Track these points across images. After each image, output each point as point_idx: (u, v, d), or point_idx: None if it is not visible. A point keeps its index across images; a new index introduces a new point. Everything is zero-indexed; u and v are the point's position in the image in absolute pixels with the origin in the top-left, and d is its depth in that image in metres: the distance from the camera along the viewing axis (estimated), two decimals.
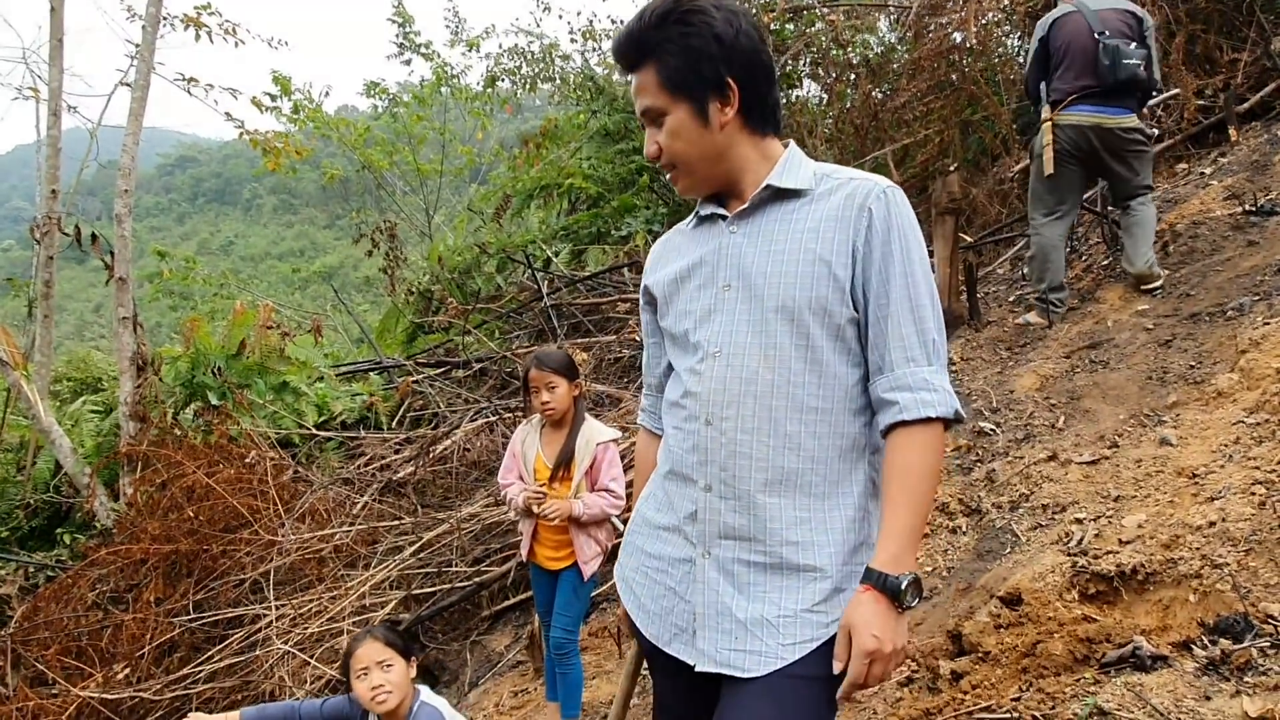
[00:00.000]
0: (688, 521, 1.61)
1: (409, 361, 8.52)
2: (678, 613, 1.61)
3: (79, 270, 42.40)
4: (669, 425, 1.70)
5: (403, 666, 2.72)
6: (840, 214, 1.54)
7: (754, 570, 1.54)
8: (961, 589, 3.15)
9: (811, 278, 1.53)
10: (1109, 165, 4.71)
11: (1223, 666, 2.04)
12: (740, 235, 1.60)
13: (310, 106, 12.60)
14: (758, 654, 1.51)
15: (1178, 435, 3.32)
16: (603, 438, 3.47)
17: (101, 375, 8.71)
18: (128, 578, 5.53)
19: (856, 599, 1.46)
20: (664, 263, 1.75)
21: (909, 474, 1.49)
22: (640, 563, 1.71)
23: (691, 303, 1.64)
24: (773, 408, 1.53)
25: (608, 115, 10.94)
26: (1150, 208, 4.77)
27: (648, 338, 1.86)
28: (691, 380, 1.61)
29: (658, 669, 1.75)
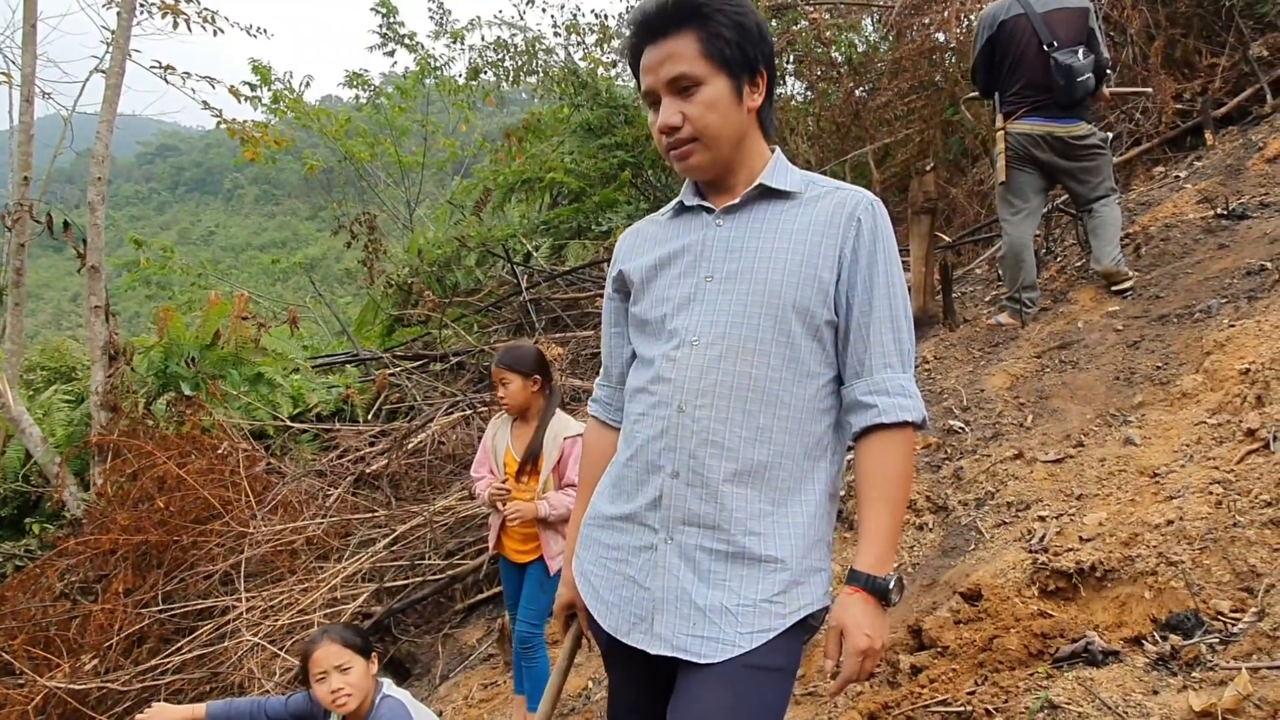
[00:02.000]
0: (650, 508, 1.62)
1: (386, 354, 8.50)
2: (637, 601, 1.61)
3: (57, 259, 41.94)
4: (633, 412, 1.70)
5: (362, 666, 2.69)
6: (829, 220, 1.60)
7: (715, 558, 1.56)
8: (926, 585, 3.17)
9: (798, 278, 1.57)
10: (1061, 172, 4.78)
11: (1172, 662, 2.07)
12: (726, 229, 1.64)
13: (291, 96, 12.51)
14: (715, 640, 1.53)
15: (1142, 435, 3.35)
16: (570, 432, 3.44)
17: (75, 365, 8.63)
18: (97, 568, 5.49)
19: (845, 600, 1.50)
20: (640, 250, 1.76)
21: (887, 476, 1.54)
22: (597, 554, 1.71)
23: (670, 289, 1.66)
24: (748, 400, 1.56)
25: (590, 110, 10.93)
26: (1114, 209, 4.82)
27: (610, 328, 1.86)
28: (665, 366, 1.61)
29: (614, 663, 1.75)
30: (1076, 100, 4.62)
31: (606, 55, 12.14)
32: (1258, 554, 2.33)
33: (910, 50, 8.08)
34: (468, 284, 10.09)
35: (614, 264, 1.81)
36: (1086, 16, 4.69)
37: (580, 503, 1.88)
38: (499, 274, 10.16)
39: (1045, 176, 4.83)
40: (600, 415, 1.90)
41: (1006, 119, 4.76)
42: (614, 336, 1.86)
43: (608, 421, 1.88)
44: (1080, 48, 4.59)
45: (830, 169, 8.21)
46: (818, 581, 1.60)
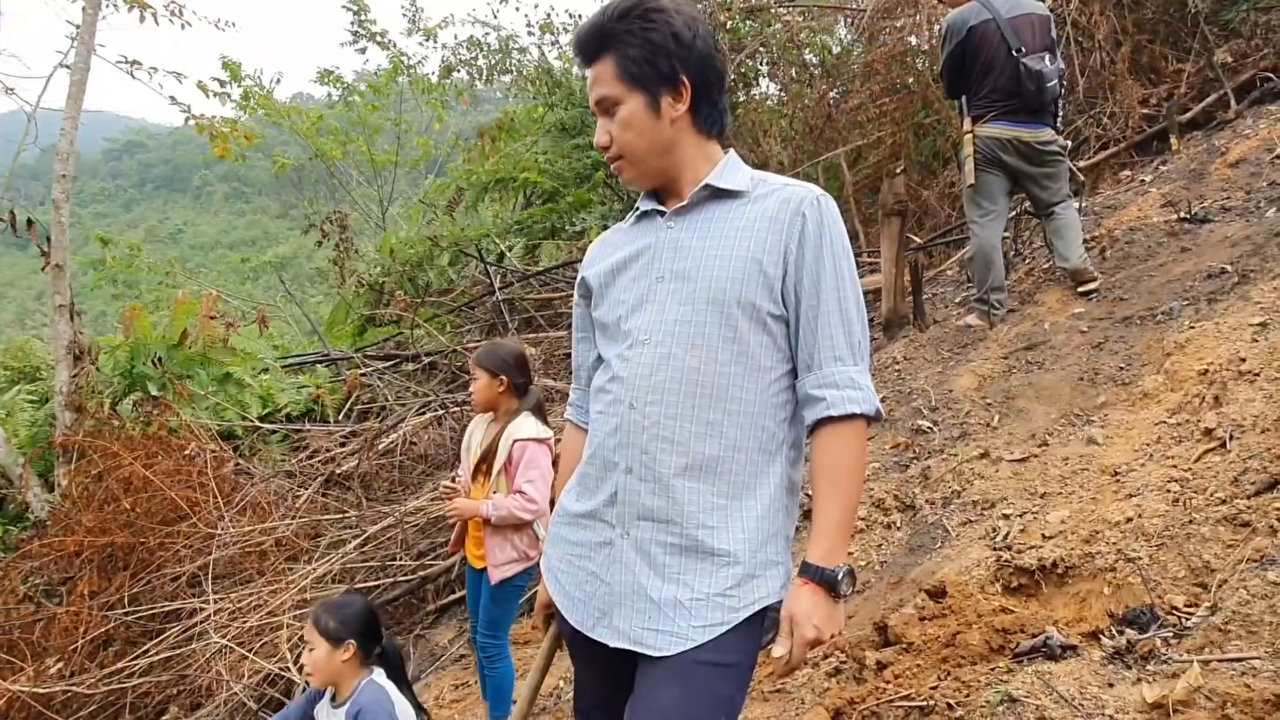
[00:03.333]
0: (607, 504, 1.66)
1: (358, 354, 8.44)
2: (599, 596, 1.65)
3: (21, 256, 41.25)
4: (594, 411, 1.75)
5: (324, 650, 2.76)
6: (775, 216, 1.62)
7: (670, 552, 1.59)
8: (893, 583, 3.21)
9: (743, 273, 1.59)
10: (1025, 176, 4.86)
11: (1128, 655, 2.11)
12: (677, 230, 1.68)
13: (261, 93, 12.39)
14: (669, 634, 1.56)
15: (1104, 435, 3.41)
16: (521, 435, 3.32)
17: (40, 364, 8.49)
18: (61, 570, 5.41)
19: (796, 592, 1.54)
20: (601, 257, 1.80)
21: (837, 470, 1.57)
22: (564, 551, 1.75)
23: (625, 293, 1.70)
24: (696, 395, 1.59)
25: (564, 109, 10.92)
26: (1073, 212, 4.92)
27: (578, 332, 1.90)
28: (620, 365, 1.66)
29: (579, 656, 1.79)
30: (1045, 105, 4.70)
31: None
32: (1212, 550, 2.39)
33: (882, 53, 8.15)
34: (440, 284, 10.05)
35: (582, 270, 1.86)
36: (1050, 24, 4.77)
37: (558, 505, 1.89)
38: (472, 274, 10.12)
39: (1010, 179, 4.91)
40: (574, 419, 1.94)
41: (975, 122, 4.83)
42: (581, 341, 1.90)
43: (580, 424, 1.91)
44: (1046, 54, 4.68)
45: (803, 170, 8.27)
46: (774, 575, 1.62)
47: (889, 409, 4.54)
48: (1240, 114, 6.43)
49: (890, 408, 4.54)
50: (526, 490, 3.25)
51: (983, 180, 4.86)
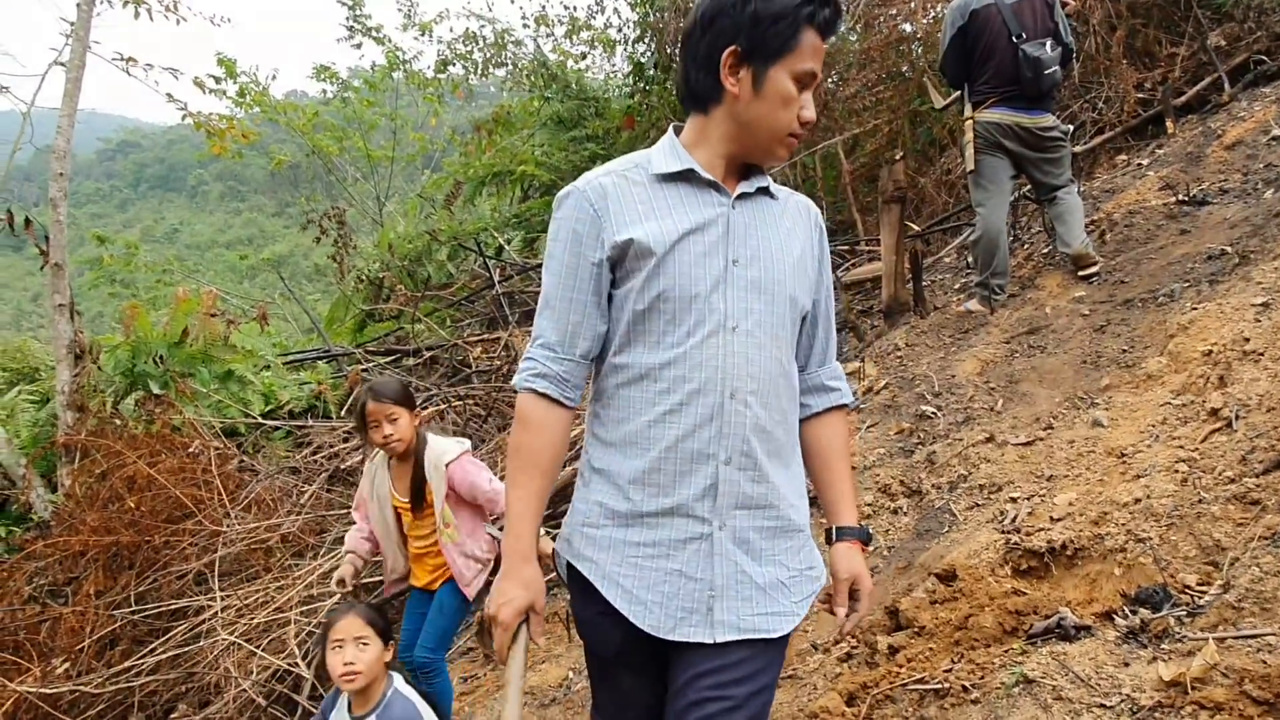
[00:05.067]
0: (701, 498, 1.59)
1: (358, 350, 8.43)
2: (685, 594, 1.59)
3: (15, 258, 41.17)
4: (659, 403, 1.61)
5: (378, 649, 2.65)
6: (804, 223, 1.76)
7: (765, 536, 1.65)
8: (901, 567, 3.22)
9: (804, 273, 1.72)
10: (1028, 161, 4.87)
11: (1142, 635, 2.12)
12: (740, 215, 1.66)
13: (256, 90, 12.35)
14: (779, 615, 1.63)
15: (1109, 417, 3.42)
16: (449, 457, 3.24)
17: (39, 365, 8.47)
18: (66, 570, 5.40)
19: (849, 553, 1.75)
20: (643, 215, 1.63)
21: (845, 448, 1.83)
22: (625, 555, 1.63)
23: (696, 268, 1.60)
24: (780, 385, 1.68)
25: (560, 102, 10.90)
26: (1075, 196, 4.94)
27: (587, 294, 1.65)
28: (705, 353, 1.59)
29: (632, 664, 1.71)
30: (1044, 92, 4.71)
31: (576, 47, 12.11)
32: (1222, 529, 2.40)
33: (878, 41, 8.14)
34: (440, 278, 10.04)
35: (603, 223, 1.63)
36: (1053, 8, 4.76)
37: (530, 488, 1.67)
38: (471, 268, 10.11)
39: (1013, 163, 4.91)
40: (551, 393, 1.66)
41: (976, 108, 4.83)
42: (591, 305, 1.66)
43: (560, 400, 1.67)
44: (1048, 40, 4.67)
45: (800, 159, 8.27)
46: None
47: (892, 395, 4.54)
48: (1235, 97, 6.42)
49: (893, 394, 4.55)
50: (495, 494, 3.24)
51: (984, 164, 4.86)
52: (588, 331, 1.66)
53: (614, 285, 1.65)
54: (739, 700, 1.56)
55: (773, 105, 1.57)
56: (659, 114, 9.76)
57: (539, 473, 1.66)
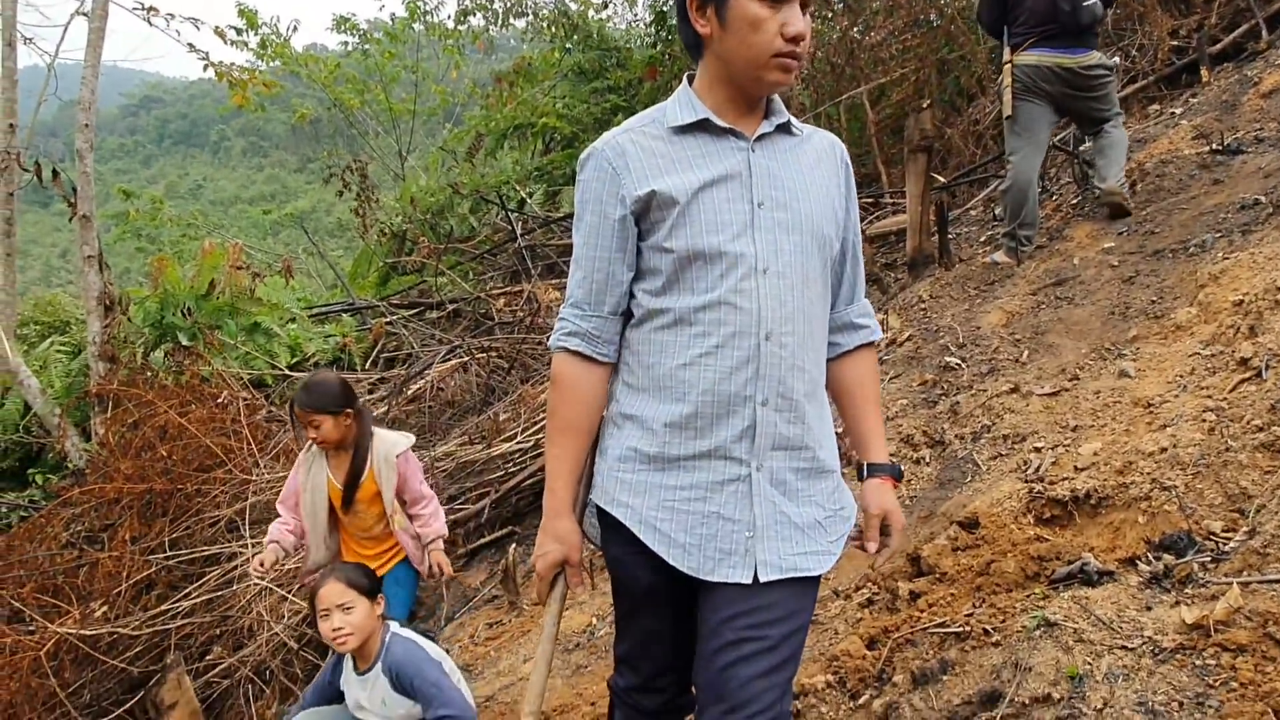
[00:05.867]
0: (739, 440, 1.61)
1: (382, 303, 8.49)
2: (723, 536, 1.61)
3: (43, 214, 41.50)
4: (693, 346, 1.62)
5: (365, 607, 2.68)
6: (829, 160, 1.76)
7: (801, 476, 1.67)
8: (923, 516, 3.23)
9: (831, 211, 1.72)
10: (1073, 102, 4.73)
11: (1165, 580, 2.13)
12: (760, 157, 1.66)
13: (277, 42, 12.28)
14: (817, 554, 1.66)
15: (1136, 367, 3.39)
16: (400, 448, 3.30)
17: (69, 318, 8.61)
18: (102, 517, 5.53)
19: (881, 488, 1.78)
20: (665, 169, 1.64)
21: (876, 384, 1.87)
22: (661, 499, 1.64)
23: (722, 215, 1.61)
24: (814, 325, 1.69)
25: (582, 53, 10.77)
26: (1120, 131, 4.80)
27: (612, 251, 1.68)
28: (739, 297, 1.60)
29: (660, 606, 1.75)
30: (1084, 27, 4.54)
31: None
32: (1249, 476, 2.39)
33: None
34: (462, 231, 10.04)
35: (623, 180, 1.65)
36: None
37: (568, 447, 1.72)
38: (493, 221, 10.10)
39: (1054, 109, 4.78)
40: (585, 350, 1.70)
41: (1014, 51, 4.69)
42: (615, 262, 1.69)
43: (594, 356, 1.71)
44: None
45: (824, 110, 8.15)
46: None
47: (915, 347, 4.53)
48: (1272, 44, 6.24)
49: (917, 346, 4.53)
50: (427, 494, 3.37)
51: (1022, 110, 4.73)
52: (614, 288, 1.69)
53: (641, 238, 1.68)
54: (775, 640, 1.59)
55: (741, 34, 1.56)
56: (681, 64, 9.62)
57: (576, 432, 1.72)
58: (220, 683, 4.59)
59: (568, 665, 3.59)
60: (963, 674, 2.16)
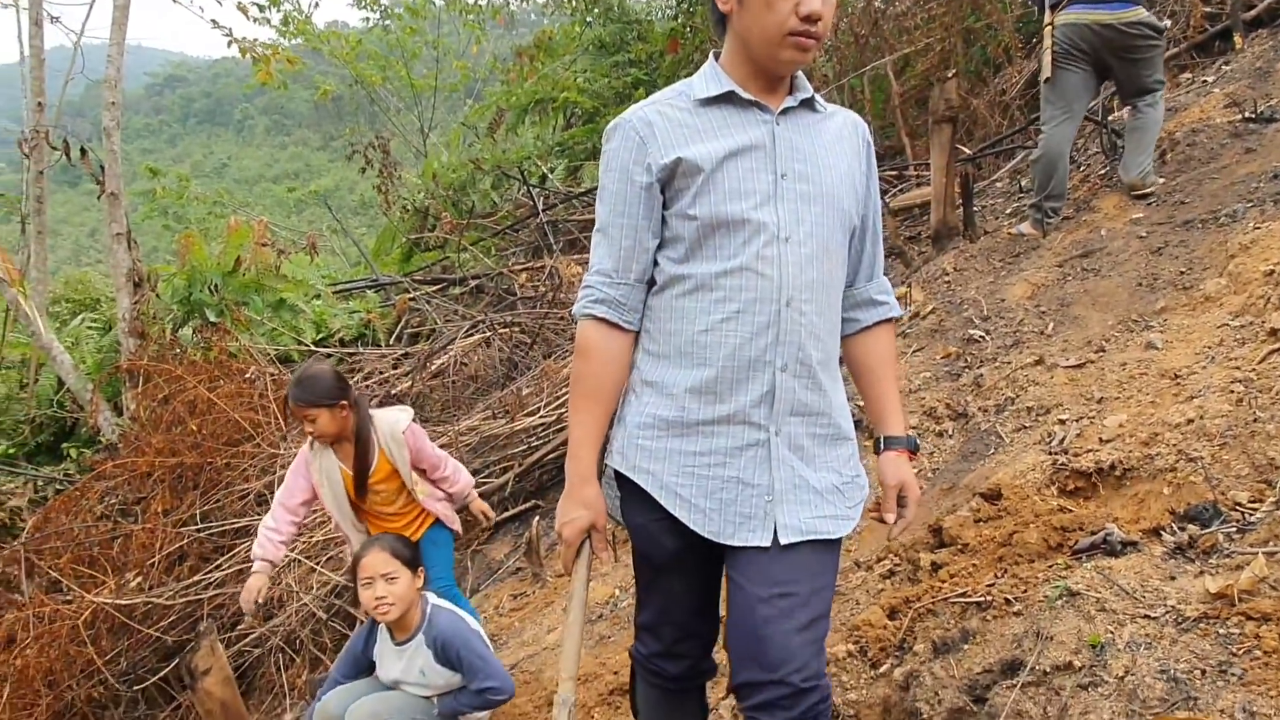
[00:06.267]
0: (756, 405, 1.65)
1: (405, 279, 8.53)
2: (742, 500, 1.65)
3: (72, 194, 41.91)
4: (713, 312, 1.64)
5: (408, 578, 2.70)
6: (851, 138, 1.78)
7: (818, 443, 1.71)
8: (945, 488, 3.23)
9: (851, 186, 1.75)
10: (1113, 63, 4.55)
11: (1190, 550, 2.12)
12: (786, 130, 1.69)
13: (299, 18, 12.29)
14: (837, 518, 1.70)
15: (1163, 339, 3.36)
16: (402, 425, 3.24)
17: (100, 295, 8.74)
18: (135, 490, 5.64)
19: (900, 461, 1.82)
20: (689, 138, 1.66)
21: (893, 360, 1.92)
22: (681, 465, 1.68)
23: (745, 183, 1.64)
24: (831, 294, 1.73)
25: (603, 26, 10.69)
26: (1158, 110, 4.65)
27: (638, 219, 1.70)
28: (761, 264, 1.63)
29: (683, 569, 1.78)
30: None
31: None
32: (1277, 447, 2.37)
33: None
34: (484, 207, 10.05)
35: (649, 149, 1.67)
36: None
37: (592, 413, 1.72)
38: (515, 196, 10.11)
39: (1096, 74, 4.64)
40: (610, 317, 1.71)
41: (1054, 11, 4.56)
42: (642, 229, 1.71)
43: (620, 324, 1.72)
44: None
45: (848, 82, 8.05)
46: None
47: (939, 320, 4.50)
48: None
49: (940, 318, 4.50)
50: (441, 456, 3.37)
51: (1060, 77, 4.58)
52: (641, 255, 1.72)
53: (665, 206, 1.70)
54: (804, 597, 1.63)
55: (756, 12, 1.58)
56: (703, 37, 9.53)
57: (600, 398, 1.72)
58: (251, 651, 4.69)
59: (591, 635, 3.63)
60: (984, 643, 2.17)
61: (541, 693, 3.28)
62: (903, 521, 1.82)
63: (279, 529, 3.22)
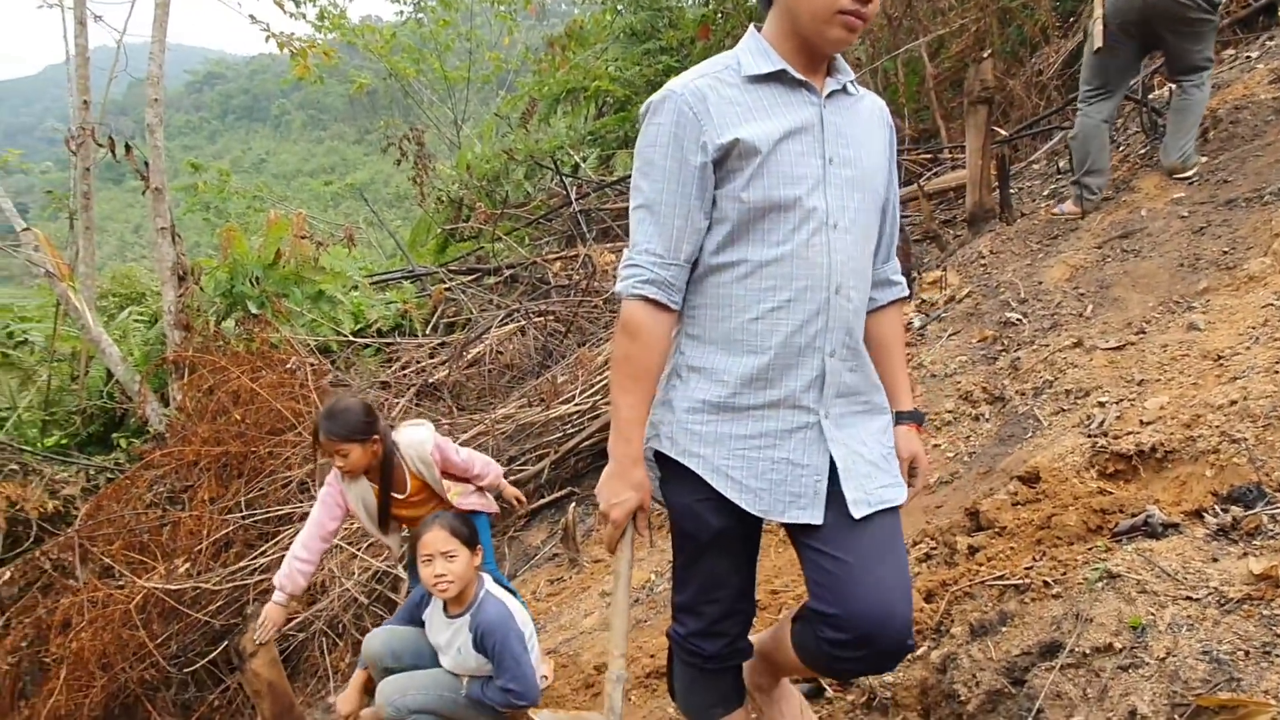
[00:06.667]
0: (807, 390, 1.68)
1: (441, 269, 8.61)
2: (792, 480, 1.69)
3: (117, 191, 42.79)
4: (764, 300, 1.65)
5: (466, 557, 2.74)
6: (879, 122, 1.80)
7: (859, 419, 1.77)
8: (982, 472, 3.22)
9: (886, 172, 1.78)
10: (1163, 36, 4.41)
11: (1233, 532, 2.09)
12: (832, 114, 1.70)
13: (334, 13, 12.43)
14: (895, 486, 1.77)
15: (1206, 320, 3.30)
16: (429, 446, 3.18)
17: (145, 289, 8.92)
18: (182, 478, 5.77)
19: (911, 434, 1.91)
20: (743, 117, 1.63)
21: (903, 338, 2.00)
22: (733, 448, 1.69)
23: (796, 168, 1.63)
24: (867, 277, 1.79)
25: (633, 14, 10.67)
26: (1204, 90, 4.53)
27: (691, 198, 1.65)
28: (811, 251, 1.64)
29: (732, 549, 1.81)
30: None
31: None
32: None
33: None
34: (517, 197, 10.11)
35: (704, 126, 1.62)
36: None
37: (639, 395, 1.71)
38: (548, 186, 10.15)
39: (1141, 49, 4.54)
40: (659, 298, 1.67)
41: None
42: (695, 210, 1.65)
43: (668, 304, 1.68)
44: None
45: (881, 64, 7.97)
46: None
47: (975, 303, 4.46)
48: None
49: (976, 302, 4.46)
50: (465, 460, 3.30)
51: (1108, 49, 4.46)
52: (692, 236, 1.67)
53: (716, 186, 1.66)
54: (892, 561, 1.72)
55: None
56: (734, 22, 9.49)
57: (648, 379, 1.72)
58: (296, 635, 4.79)
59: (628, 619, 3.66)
60: (1022, 625, 2.16)
61: (579, 675, 3.32)
62: (912, 490, 1.88)
63: (310, 560, 3.18)
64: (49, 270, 6.74)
